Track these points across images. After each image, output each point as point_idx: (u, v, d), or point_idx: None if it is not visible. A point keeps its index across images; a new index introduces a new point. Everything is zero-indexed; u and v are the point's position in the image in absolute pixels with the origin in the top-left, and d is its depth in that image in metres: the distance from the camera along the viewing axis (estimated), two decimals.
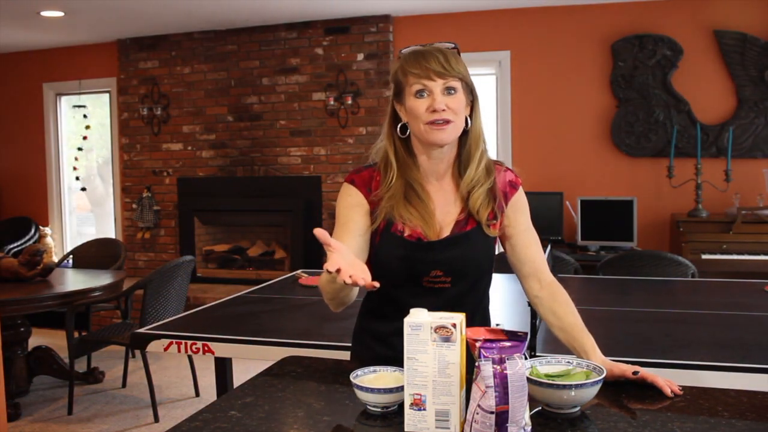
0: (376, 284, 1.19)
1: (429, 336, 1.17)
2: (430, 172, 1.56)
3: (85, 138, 6.57)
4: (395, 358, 1.46)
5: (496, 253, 1.62)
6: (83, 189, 6.75)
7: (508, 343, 1.12)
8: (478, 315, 1.61)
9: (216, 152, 6.05)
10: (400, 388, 1.22)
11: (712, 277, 3.86)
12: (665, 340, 2.08)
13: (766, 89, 4.84)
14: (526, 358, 1.16)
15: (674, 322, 2.33)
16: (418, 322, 1.17)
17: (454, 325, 1.16)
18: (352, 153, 5.64)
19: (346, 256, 1.20)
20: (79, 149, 6.64)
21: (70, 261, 5.05)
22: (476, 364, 1.12)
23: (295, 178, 5.84)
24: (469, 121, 1.53)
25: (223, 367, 2.76)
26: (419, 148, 1.55)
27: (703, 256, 4.42)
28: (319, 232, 1.20)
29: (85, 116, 6.52)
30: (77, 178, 6.76)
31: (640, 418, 1.23)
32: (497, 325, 1.59)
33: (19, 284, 3.84)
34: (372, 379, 1.31)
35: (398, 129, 1.54)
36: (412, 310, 1.20)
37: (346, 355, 1.76)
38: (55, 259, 6.35)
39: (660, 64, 5.01)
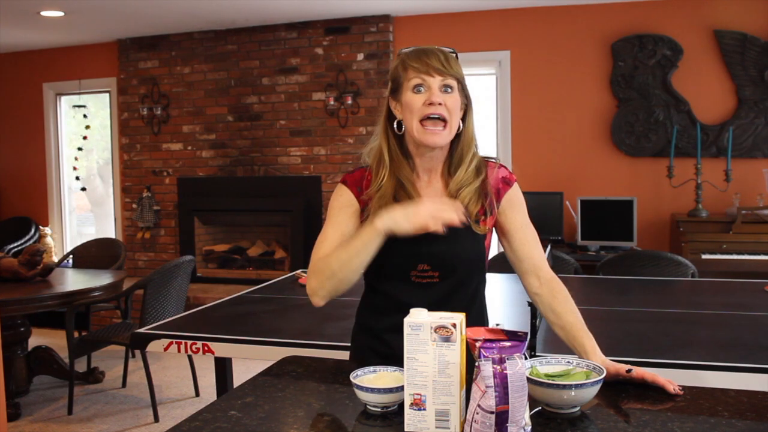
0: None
1: (429, 336, 1.17)
2: (421, 169, 1.58)
3: (85, 138, 6.57)
4: (391, 355, 1.47)
5: (496, 252, 1.61)
6: (83, 189, 6.74)
7: (508, 343, 1.12)
8: (471, 314, 1.58)
9: (216, 152, 6.05)
10: (400, 388, 1.22)
11: (712, 277, 3.85)
12: (665, 340, 2.08)
13: (766, 89, 4.84)
14: (526, 358, 1.16)
15: (674, 322, 2.32)
16: (418, 322, 1.17)
17: (454, 325, 1.16)
18: (352, 153, 5.64)
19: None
20: (79, 149, 6.64)
21: (70, 261, 5.05)
22: (476, 364, 1.12)
23: (295, 178, 5.84)
24: (461, 124, 1.55)
25: (223, 367, 2.76)
26: (413, 147, 1.57)
27: (703, 256, 4.41)
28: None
29: (85, 116, 6.52)
30: (77, 178, 6.75)
31: (640, 418, 1.23)
32: (497, 325, 1.59)
33: (19, 284, 3.84)
34: (372, 379, 1.31)
35: (395, 125, 1.56)
36: (412, 310, 1.21)
37: (346, 355, 1.76)
38: (55, 259, 6.35)
39: (660, 64, 5.01)
